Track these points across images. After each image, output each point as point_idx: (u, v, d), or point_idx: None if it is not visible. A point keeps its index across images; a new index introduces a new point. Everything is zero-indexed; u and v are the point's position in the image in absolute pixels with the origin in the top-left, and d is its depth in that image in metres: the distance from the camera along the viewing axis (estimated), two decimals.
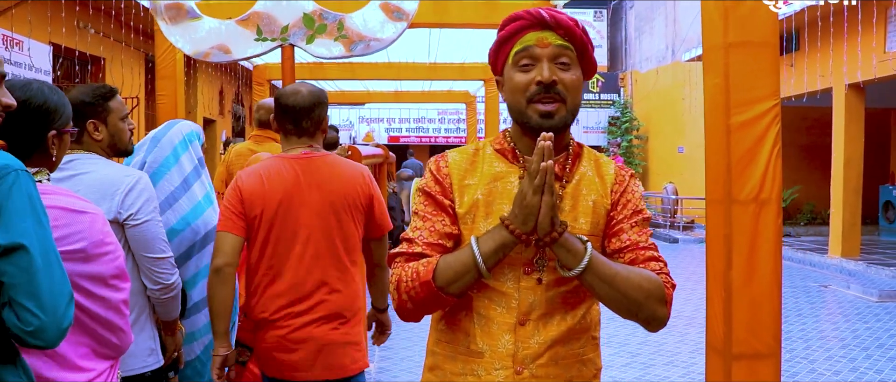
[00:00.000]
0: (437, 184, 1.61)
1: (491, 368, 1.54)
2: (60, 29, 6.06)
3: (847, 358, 5.75)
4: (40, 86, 1.77)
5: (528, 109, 1.55)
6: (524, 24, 1.57)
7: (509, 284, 1.55)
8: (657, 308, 1.51)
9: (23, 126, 1.70)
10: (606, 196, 1.61)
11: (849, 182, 10.55)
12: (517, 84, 1.56)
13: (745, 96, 2.73)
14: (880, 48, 9.43)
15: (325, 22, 3.39)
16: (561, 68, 1.55)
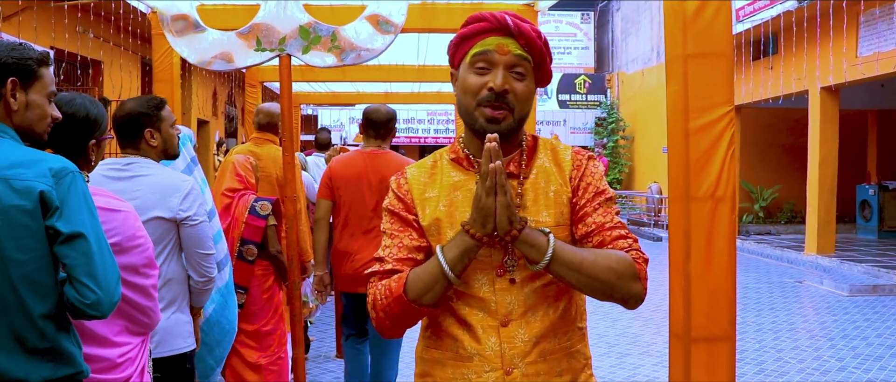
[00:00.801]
0: (400, 201, 1.63)
1: (481, 371, 1.55)
2: (63, 34, 6.29)
3: (812, 348, 6.09)
4: (83, 101, 2.05)
5: (475, 111, 1.56)
6: (487, 27, 1.57)
7: (485, 288, 1.56)
8: (631, 285, 1.51)
9: (68, 136, 1.99)
10: (566, 184, 1.62)
11: (824, 181, 10.90)
12: (470, 85, 1.56)
13: (702, 103, 2.93)
14: (852, 53, 9.79)
15: (320, 34, 3.67)
16: (515, 77, 1.56)
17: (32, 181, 1.61)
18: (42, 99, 1.77)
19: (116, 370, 2.00)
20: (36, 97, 1.76)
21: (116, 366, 2.00)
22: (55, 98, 1.85)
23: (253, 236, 3.75)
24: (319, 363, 5.51)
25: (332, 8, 6.02)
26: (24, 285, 1.59)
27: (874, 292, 8.61)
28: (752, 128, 14.67)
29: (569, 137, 21.80)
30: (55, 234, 1.62)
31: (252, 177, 3.84)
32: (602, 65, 23.66)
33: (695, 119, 2.93)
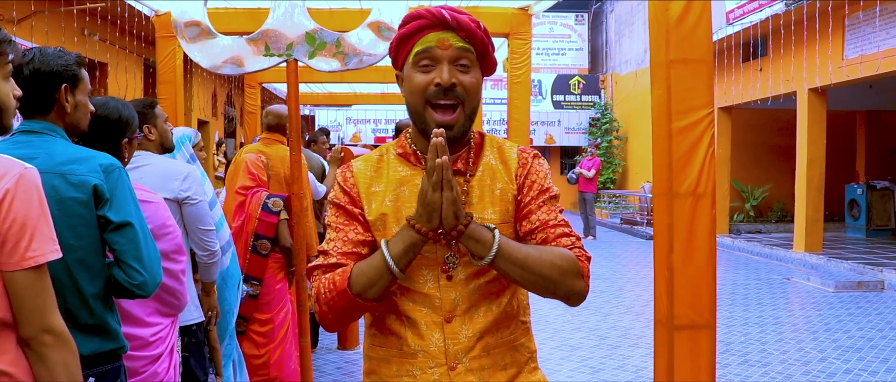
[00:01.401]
0: (345, 195, 1.62)
1: (425, 367, 1.56)
2: (72, 38, 6.49)
3: (795, 340, 6.32)
4: (116, 104, 2.27)
5: (425, 113, 1.56)
6: (425, 24, 1.56)
7: (430, 285, 1.56)
8: (574, 282, 1.52)
9: (104, 135, 2.21)
10: (512, 181, 1.63)
11: (812, 181, 11.15)
12: (416, 84, 1.55)
13: (684, 106, 3.11)
14: (838, 55, 10.04)
15: (325, 40, 3.88)
16: (460, 70, 1.56)
17: (86, 176, 1.83)
18: (85, 98, 2.00)
19: (149, 347, 2.23)
20: (81, 97, 1.99)
21: (149, 344, 2.23)
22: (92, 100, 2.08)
23: (266, 231, 3.98)
24: (321, 354, 5.72)
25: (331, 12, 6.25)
26: (77, 268, 1.80)
27: (859, 288, 8.86)
28: (743, 129, 14.92)
29: (563, 138, 22.04)
30: (106, 223, 1.84)
31: (264, 175, 4.06)
32: (596, 66, 23.91)
33: (677, 121, 3.10)
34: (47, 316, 1.44)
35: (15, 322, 1.44)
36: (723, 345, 6.11)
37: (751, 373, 5.31)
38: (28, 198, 1.42)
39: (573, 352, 5.90)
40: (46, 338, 1.44)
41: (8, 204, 1.39)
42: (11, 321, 1.43)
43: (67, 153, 1.86)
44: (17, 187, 1.41)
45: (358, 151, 6.98)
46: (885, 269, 9.36)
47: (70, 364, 1.48)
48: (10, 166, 1.43)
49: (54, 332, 1.45)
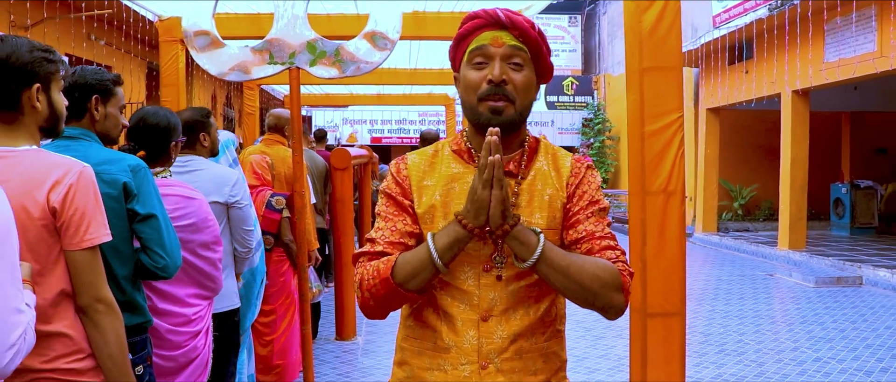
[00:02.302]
0: (397, 186, 1.65)
1: (457, 363, 1.57)
2: (81, 43, 6.77)
3: (772, 332, 6.64)
4: (165, 113, 2.61)
5: (478, 106, 1.58)
6: (481, 23, 1.60)
7: (470, 282, 1.58)
8: (614, 296, 1.52)
9: (155, 140, 2.54)
10: (562, 189, 1.64)
11: (795, 180, 11.48)
12: (470, 81, 1.59)
13: (655, 110, 3.35)
14: (818, 59, 10.37)
15: (325, 50, 4.18)
16: (513, 68, 1.58)
17: (117, 174, 2.13)
18: (116, 111, 2.31)
19: (190, 324, 2.57)
20: (112, 110, 2.30)
21: (191, 321, 2.57)
22: (143, 110, 2.40)
23: (269, 227, 4.28)
24: (320, 344, 6.01)
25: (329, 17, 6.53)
26: (110, 254, 2.10)
27: (838, 283, 9.19)
28: (731, 130, 15.25)
29: (557, 138, 22.36)
30: (133, 215, 2.14)
31: (268, 175, 4.36)
32: (589, 67, 24.24)
33: (649, 124, 3.34)
34: (100, 288, 1.74)
35: (73, 293, 1.73)
36: (702, 337, 6.43)
37: (726, 361, 5.62)
38: (86, 192, 1.73)
39: None
40: (99, 307, 1.74)
41: (71, 197, 1.69)
42: (71, 292, 1.74)
43: (101, 155, 2.16)
44: (78, 182, 1.72)
45: (355, 152, 7.27)
46: (863, 265, 9.69)
47: (118, 330, 1.78)
48: (72, 165, 1.73)
49: (105, 302, 1.76)
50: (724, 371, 5.35)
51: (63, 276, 1.73)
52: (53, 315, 1.70)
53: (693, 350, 5.93)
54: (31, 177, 1.69)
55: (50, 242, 1.70)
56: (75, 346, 1.75)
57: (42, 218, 1.68)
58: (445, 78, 11.51)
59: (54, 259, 1.71)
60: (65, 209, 1.69)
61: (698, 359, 5.67)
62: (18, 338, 1.38)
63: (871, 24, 9.26)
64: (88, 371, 1.76)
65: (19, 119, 1.77)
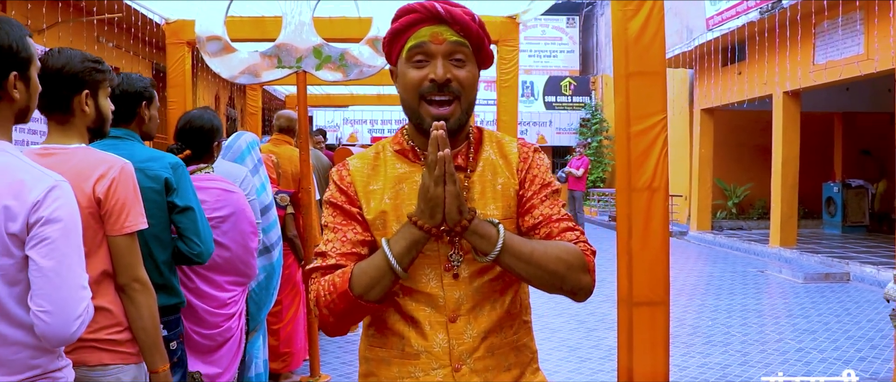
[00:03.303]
0: (342, 194, 1.58)
1: (428, 368, 1.52)
2: (92, 45, 7.01)
3: (758, 325, 6.90)
4: (209, 116, 2.90)
5: (420, 109, 1.52)
6: (418, 18, 1.52)
7: (433, 283, 1.53)
8: (581, 276, 1.49)
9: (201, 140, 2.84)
10: (513, 176, 1.60)
11: (786, 179, 11.74)
12: (410, 80, 1.51)
13: (640, 112, 3.57)
14: (808, 61, 10.63)
15: (330, 55, 4.43)
16: (455, 65, 1.52)
17: (160, 170, 2.38)
18: (155, 113, 2.58)
19: (226, 307, 2.85)
20: (154, 112, 2.58)
21: (226, 304, 2.86)
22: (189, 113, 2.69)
23: None
24: (322, 334, 6.25)
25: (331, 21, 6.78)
26: (152, 241, 2.35)
27: (826, 279, 9.44)
28: (725, 130, 15.50)
29: (554, 137, 22.62)
30: (173, 206, 2.40)
31: (274, 173, 4.60)
32: (587, 67, 24.50)
33: (635, 125, 3.56)
34: (137, 269, 2.00)
35: (114, 273, 1.99)
36: (690, 329, 6.68)
37: (712, 352, 5.87)
38: (127, 184, 1.99)
39: (553, 334, 6.47)
40: (136, 285, 2.00)
41: (114, 189, 1.95)
42: (112, 272, 2.00)
43: (145, 154, 2.42)
44: (120, 176, 1.98)
45: (356, 151, 7.51)
46: (851, 262, 9.95)
47: (151, 306, 2.04)
48: (115, 161, 1.99)
49: (141, 281, 2.01)
50: (710, 361, 5.60)
51: (105, 258, 1.98)
52: (97, 291, 1.95)
53: (681, 341, 6.18)
54: (80, 171, 1.95)
55: (95, 228, 1.96)
56: (115, 319, 2.01)
57: (89, 206, 1.94)
58: None
59: (98, 243, 1.97)
60: (108, 199, 1.95)
61: (686, 349, 5.92)
62: (83, 311, 1.62)
63: (857, 28, 9.52)
64: (126, 342, 2.03)
65: (71, 120, 2.03)
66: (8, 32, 1.61)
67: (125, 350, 2.03)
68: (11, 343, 1.60)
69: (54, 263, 1.57)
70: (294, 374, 4.94)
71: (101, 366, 1.98)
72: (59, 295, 1.57)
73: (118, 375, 2.00)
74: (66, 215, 1.60)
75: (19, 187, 1.57)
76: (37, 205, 1.57)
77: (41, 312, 1.56)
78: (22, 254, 1.58)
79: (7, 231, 1.56)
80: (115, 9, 7.13)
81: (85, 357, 1.96)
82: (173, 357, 2.41)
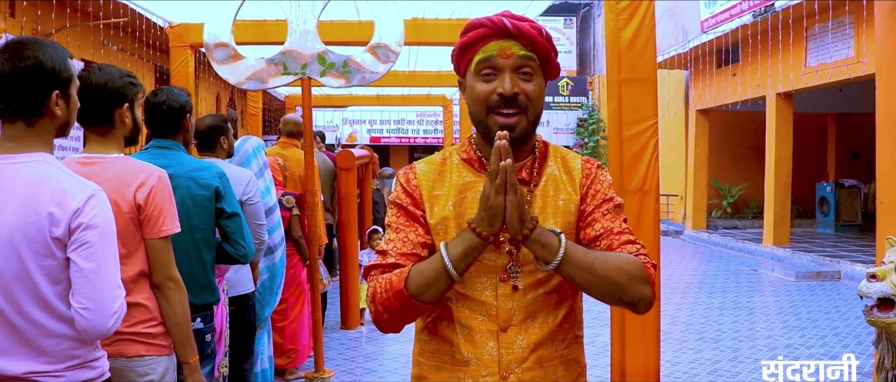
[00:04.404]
0: (408, 196, 1.62)
1: (477, 375, 1.55)
2: (99, 49, 7.17)
3: (748, 321, 7.09)
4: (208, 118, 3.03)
5: (488, 119, 1.56)
6: (486, 33, 1.56)
7: (487, 293, 1.55)
8: (641, 288, 1.49)
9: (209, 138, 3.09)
10: (575, 192, 1.61)
11: (779, 179, 11.92)
12: (478, 94, 1.55)
13: (632, 117, 3.71)
14: (800, 63, 10.82)
15: (334, 62, 4.60)
16: (523, 78, 1.55)
17: (210, 179, 2.61)
18: (191, 123, 2.76)
19: None
20: (191, 123, 2.76)
21: None
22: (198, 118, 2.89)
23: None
24: (326, 332, 6.42)
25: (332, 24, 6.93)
26: (202, 243, 2.56)
27: (817, 278, 9.63)
28: (720, 130, 15.68)
29: (552, 137, 22.79)
30: (220, 212, 2.62)
31: (280, 176, 4.76)
32: (584, 68, 24.68)
33: (627, 129, 3.71)
34: (171, 268, 2.17)
35: (150, 273, 2.16)
36: (683, 326, 6.85)
37: (703, 348, 6.05)
38: (163, 192, 2.16)
39: None
40: (170, 284, 2.17)
41: (153, 196, 2.13)
42: (148, 271, 2.16)
43: (193, 163, 2.66)
44: (157, 184, 2.16)
45: (357, 153, 7.67)
46: (842, 261, 10.14)
47: (184, 303, 2.21)
48: (152, 170, 2.17)
49: (174, 280, 2.18)
50: (701, 356, 5.78)
51: (142, 259, 2.16)
52: (134, 289, 2.12)
53: (674, 337, 6.35)
54: (122, 178, 2.13)
55: (133, 231, 2.13)
56: (151, 315, 2.18)
57: (130, 212, 2.12)
58: (443, 80, 11.91)
59: (137, 244, 2.15)
60: (147, 205, 2.13)
61: (678, 346, 6.10)
62: (119, 307, 1.78)
63: (847, 31, 9.70)
64: (160, 336, 2.21)
65: (111, 132, 2.22)
66: (52, 55, 1.77)
67: (159, 342, 2.21)
68: (55, 335, 1.76)
69: (93, 265, 1.73)
70: (299, 370, 5.11)
71: (138, 357, 2.16)
72: (98, 294, 1.74)
73: (152, 365, 2.18)
74: (103, 221, 1.77)
75: (61, 195, 1.73)
76: (77, 212, 1.73)
77: (82, 309, 1.73)
78: (64, 256, 1.74)
79: (51, 235, 1.72)
80: (120, 13, 7.28)
81: (123, 349, 2.14)
82: (208, 349, 2.60)
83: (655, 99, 3.87)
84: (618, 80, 3.81)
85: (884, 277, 3.07)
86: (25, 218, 1.71)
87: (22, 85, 1.74)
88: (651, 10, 3.76)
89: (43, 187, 1.74)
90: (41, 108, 1.77)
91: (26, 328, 1.74)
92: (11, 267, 1.72)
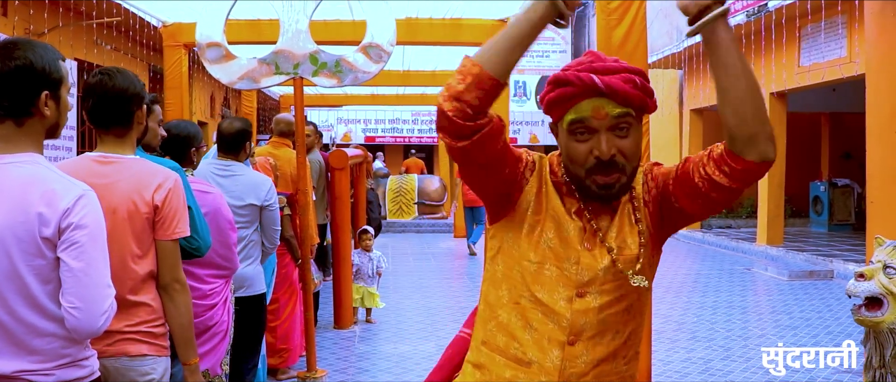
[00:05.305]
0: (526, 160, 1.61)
1: (536, 379, 1.55)
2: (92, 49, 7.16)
3: (741, 320, 7.12)
4: (185, 125, 3.04)
5: (586, 180, 1.53)
6: (575, 92, 1.49)
7: (562, 303, 1.54)
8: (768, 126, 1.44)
9: (176, 147, 2.97)
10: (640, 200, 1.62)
11: (773, 178, 11.96)
12: (574, 155, 1.52)
13: None
14: (793, 63, 10.87)
15: (326, 62, 4.61)
16: (620, 135, 1.50)
17: None
18: (155, 125, 2.77)
19: (206, 298, 3.01)
20: (152, 124, 2.75)
21: (206, 296, 3.01)
22: (168, 123, 2.83)
23: None
24: (319, 332, 6.43)
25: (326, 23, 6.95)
26: None
27: (810, 277, 9.67)
28: (715, 130, 15.71)
29: (547, 137, 22.79)
30: None
31: (271, 176, 4.77)
32: None
33: None
34: (177, 270, 2.21)
35: (157, 274, 2.20)
36: (676, 325, 6.88)
37: (696, 347, 6.08)
38: (179, 195, 2.22)
39: None
40: (176, 285, 2.21)
41: (170, 198, 2.19)
42: (156, 272, 2.21)
43: None
44: (174, 187, 2.21)
45: (351, 152, 7.68)
46: (835, 260, 10.19)
47: (188, 304, 2.26)
48: (169, 173, 2.23)
49: (180, 282, 2.23)
50: (693, 356, 5.81)
51: (153, 259, 2.20)
52: (142, 289, 2.17)
53: (666, 337, 6.38)
54: (140, 179, 2.18)
55: (148, 231, 2.18)
56: (155, 314, 2.22)
57: (147, 212, 2.16)
58: (437, 80, 11.93)
59: (149, 245, 2.19)
60: (164, 207, 2.18)
61: (670, 345, 6.12)
62: (108, 307, 1.79)
63: (840, 31, 9.75)
64: (162, 336, 2.25)
65: (129, 133, 2.27)
66: (42, 55, 1.78)
67: (161, 343, 2.25)
68: (45, 334, 1.77)
69: (83, 264, 1.75)
70: (291, 370, 5.12)
71: (141, 356, 2.19)
72: (88, 293, 1.75)
73: (154, 365, 2.21)
74: (92, 221, 1.78)
75: (51, 195, 1.74)
76: (67, 212, 1.74)
77: (72, 308, 1.74)
78: (54, 256, 1.75)
79: (41, 235, 1.73)
80: (113, 12, 7.28)
81: (127, 348, 2.17)
82: None
83: None
84: None
85: (871, 276, 3.10)
86: (15, 218, 1.72)
87: (11, 85, 1.75)
88: (642, 10, 3.79)
89: (33, 187, 1.75)
90: (31, 109, 1.79)
91: (16, 327, 1.75)
92: (1, 266, 1.73)
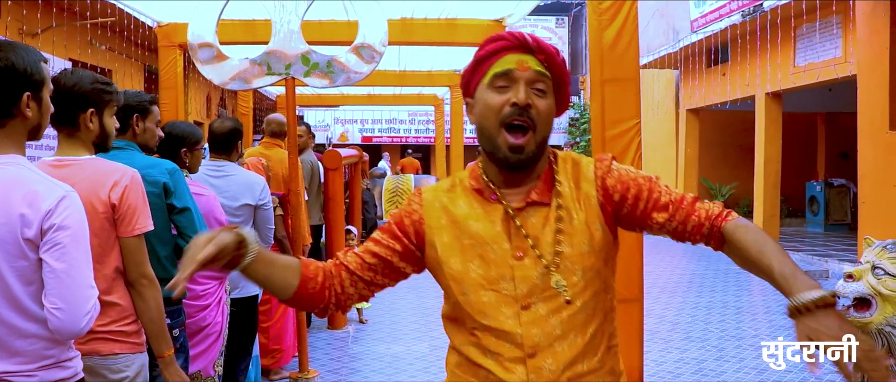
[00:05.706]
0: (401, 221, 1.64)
1: None
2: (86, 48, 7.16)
3: (735, 320, 7.12)
4: (181, 125, 3.07)
5: (498, 136, 1.53)
6: (505, 45, 1.55)
7: (511, 322, 1.53)
8: None
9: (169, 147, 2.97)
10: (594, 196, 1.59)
11: (769, 178, 11.98)
12: (491, 104, 1.53)
13: (615, 117, 3.71)
14: (789, 62, 10.88)
15: (318, 62, 4.61)
16: (537, 94, 1.53)
17: (158, 176, 2.58)
18: (153, 125, 2.77)
19: (199, 299, 3.02)
20: (149, 124, 2.75)
21: (199, 297, 3.02)
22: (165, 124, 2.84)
23: None
24: (313, 332, 6.43)
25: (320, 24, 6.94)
26: (154, 239, 2.54)
27: None
28: (711, 130, 15.74)
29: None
30: (172, 208, 2.61)
31: (263, 176, 4.78)
32: (576, 67, 24.71)
33: (610, 129, 3.71)
34: (144, 266, 2.20)
35: (124, 270, 2.17)
36: (670, 325, 6.89)
37: (689, 347, 6.09)
38: (136, 190, 2.21)
39: None
40: (143, 281, 2.20)
41: (126, 195, 2.17)
42: (123, 269, 2.19)
43: (144, 161, 2.62)
44: (130, 183, 2.19)
45: (346, 153, 7.68)
46: (830, 260, 10.20)
47: (157, 299, 2.24)
48: (125, 170, 2.20)
49: (148, 277, 2.21)
50: (687, 356, 5.81)
51: (118, 257, 2.20)
52: (110, 288, 2.16)
53: (660, 337, 6.38)
54: (95, 179, 2.16)
55: (109, 230, 2.17)
56: (126, 312, 2.22)
57: (105, 212, 2.15)
58: (433, 80, 11.94)
59: (112, 243, 2.19)
60: (121, 204, 2.17)
61: (664, 345, 6.13)
62: (91, 307, 1.79)
63: (835, 32, 9.76)
64: (134, 334, 2.25)
65: (77, 134, 2.24)
66: (24, 57, 1.78)
67: (133, 340, 2.25)
68: (27, 336, 1.77)
69: (66, 265, 1.74)
70: (283, 370, 5.12)
71: (113, 355, 2.20)
72: (70, 294, 1.75)
73: (127, 363, 2.22)
74: (74, 222, 1.78)
75: (33, 197, 1.74)
76: (49, 213, 1.74)
77: (54, 309, 1.74)
78: (36, 257, 1.75)
79: (23, 236, 1.73)
80: (107, 12, 7.27)
81: (98, 347, 2.17)
82: (176, 344, 2.63)
83: (638, 99, 3.87)
84: (600, 80, 3.81)
85: (860, 277, 3.09)
86: None
87: None
88: (634, 11, 3.76)
89: (15, 188, 1.75)
90: (12, 110, 1.78)
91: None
92: None
